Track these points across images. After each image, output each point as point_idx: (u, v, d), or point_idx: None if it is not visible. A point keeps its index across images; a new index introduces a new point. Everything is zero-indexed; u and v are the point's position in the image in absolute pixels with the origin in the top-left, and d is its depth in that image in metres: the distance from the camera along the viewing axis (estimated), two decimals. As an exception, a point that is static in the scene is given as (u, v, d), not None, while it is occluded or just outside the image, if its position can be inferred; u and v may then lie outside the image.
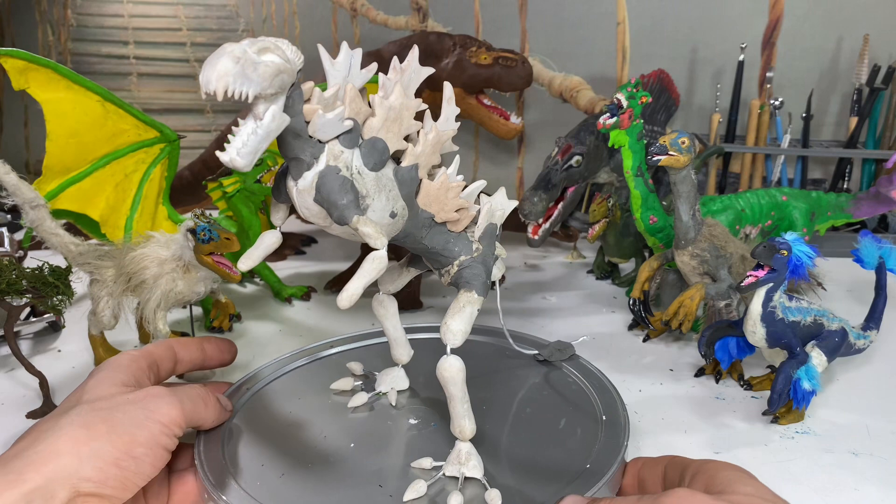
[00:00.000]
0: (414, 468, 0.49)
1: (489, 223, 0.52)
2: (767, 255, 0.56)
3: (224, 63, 0.37)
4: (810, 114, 1.08)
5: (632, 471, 0.48)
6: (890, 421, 0.60)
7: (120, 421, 0.43)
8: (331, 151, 0.44)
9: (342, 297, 0.43)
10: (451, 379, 0.47)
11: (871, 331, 0.66)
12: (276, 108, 0.40)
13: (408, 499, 0.46)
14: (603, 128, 0.73)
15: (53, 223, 0.63)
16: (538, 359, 0.64)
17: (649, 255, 0.88)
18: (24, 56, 0.69)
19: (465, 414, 0.49)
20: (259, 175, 0.78)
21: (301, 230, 1.14)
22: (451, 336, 0.48)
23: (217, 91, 0.37)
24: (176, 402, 0.46)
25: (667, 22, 1.12)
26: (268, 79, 0.38)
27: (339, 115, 0.43)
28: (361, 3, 1.19)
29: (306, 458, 0.51)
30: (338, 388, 0.60)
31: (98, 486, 0.40)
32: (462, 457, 0.48)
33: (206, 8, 1.23)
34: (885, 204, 0.83)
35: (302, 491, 0.47)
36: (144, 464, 0.43)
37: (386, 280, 0.57)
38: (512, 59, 0.95)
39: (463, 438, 0.49)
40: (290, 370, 0.63)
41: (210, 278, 0.65)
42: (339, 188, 0.43)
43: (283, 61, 0.39)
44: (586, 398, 0.58)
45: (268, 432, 0.54)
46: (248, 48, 0.38)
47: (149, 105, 1.27)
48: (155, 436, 0.44)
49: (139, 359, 0.51)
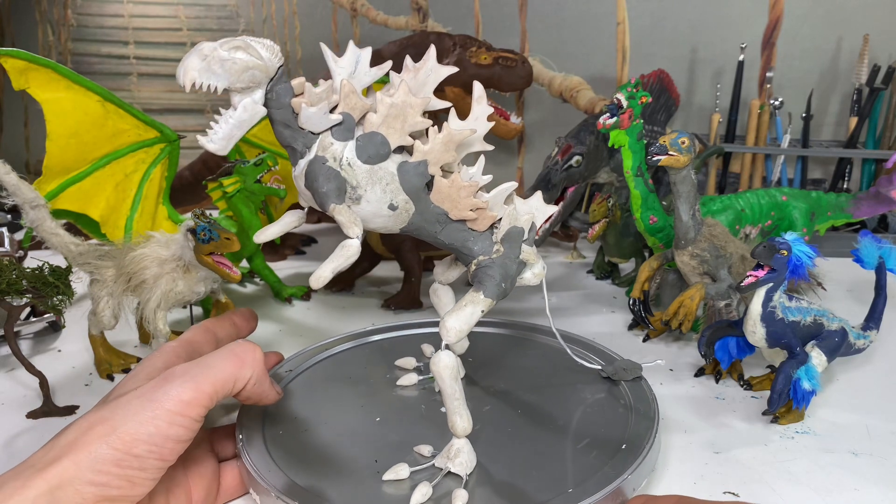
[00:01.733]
0: (415, 451, 0.52)
1: (513, 226, 0.52)
2: (767, 255, 0.56)
3: (192, 60, 0.42)
4: (810, 114, 1.08)
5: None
6: (890, 421, 0.60)
7: (121, 419, 0.41)
8: (321, 143, 0.47)
9: (313, 278, 0.46)
10: (439, 375, 0.48)
11: (871, 331, 0.66)
12: (248, 100, 0.45)
13: (386, 478, 0.48)
14: (603, 128, 0.73)
15: (53, 223, 0.63)
16: (602, 375, 0.62)
17: (649, 255, 0.88)
18: (25, 56, 0.69)
19: (457, 411, 0.49)
20: (259, 175, 0.78)
21: (301, 230, 1.14)
22: (444, 332, 0.48)
23: (185, 84, 0.42)
24: (188, 383, 0.43)
25: (667, 22, 1.12)
26: (235, 74, 0.43)
27: (323, 109, 0.46)
28: (361, 3, 1.19)
29: (330, 430, 0.54)
30: (400, 365, 0.64)
31: (101, 488, 0.39)
32: (452, 452, 0.49)
33: (206, 8, 1.23)
34: (885, 204, 0.82)
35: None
36: (150, 460, 0.41)
37: (439, 272, 0.59)
38: (512, 59, 0.95)
39: (456, 435, 0.49)
40: (323, 358, 0.66)
41: (210, 278, 0.65)
42: (322, 177, 0.46)
43: (254, 59, 0.43)
44: (622, 421, 0.55)
45: (308, 418, 0.56)
46: (219, 47, 0.42)
47: (149, 105, 1.27)
48: (161, 430, 0.42)
49: (176, 347, 0.51)
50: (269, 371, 0.60)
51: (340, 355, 0.67)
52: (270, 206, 0.89)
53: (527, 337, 0.70)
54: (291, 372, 0.63)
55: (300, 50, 1.22)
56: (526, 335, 0.71)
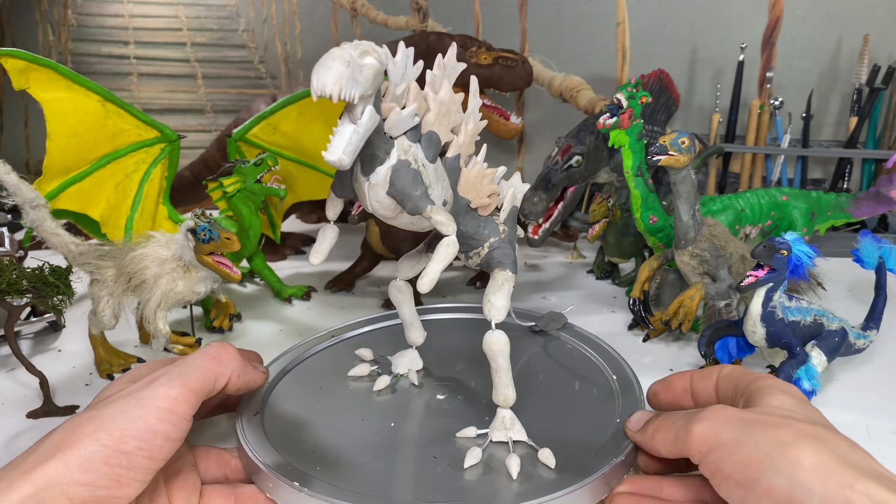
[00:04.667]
0: (459, 437, 0.52)
1: (512, 206, 0.56)
2: (767, 255, 0.56)
3: (338, 67, 0.39)
4: (810, 114, 1.08)
5: (681, 385, 0.51)
6: (890, 421, 0.60)
7: (109, 416, 0.41)
8: (400, 146, 0.46)
9: (423, 281, 0.46)
10: (499, 352, 0.51)
11: (870, 331, 0.66)
12: (371, 107, 0.42)
13: (469, 465, 0.49)
14: (603, 128, 0.73)
15: (54, 223, 0.63)
16: (534, 329, 0.69)
17: (649, 255, 0.88)
18: (25, 56, 0.69)
19: (510, 383, 0.52)
20: (259, 175, 0.78)
21: (301, 230, 1.14)
22: (495, 312, 0.51)
23: (333, 94, 0.39)
24: (174, 381, 0.44)
25: (667, 22, 1.12)
26: (370, 80, 0.41)
27: (412, 112, 0.46)
28: (361, 3, 1.19)
29: (353, 442, 0.53)
30: (356, 375, 0.63)
31: (89, 488, 0.39)
32: (507, 422, 0.52)
33: (206, 8, 1.23)
34: (885, 204, 0.83)
35: (363, 471, 0.49)
36: (139, 458, 0.41)
37: (405, 267, 0.59)
38: (512, 59, 0.95)
39: (506, 406, 0.52)
40: (302, 361, 0.66)
41: (210, 278, 0.65)
42: (412, 181, 0.46)
43: (380, 63, 0.42)
44: (589, 361, 0.63)
45: (305, 422, 0.56)
46: (353, 52, 0.40)
47: (149, 105, 1.27)
48: (150, 425, 0.42)
49: (163, 361, 0.50)
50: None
51: (324, 352, 0.67)
52: (270, 206, 0.89)
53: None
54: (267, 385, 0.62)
55: (300, 50, 1.22)
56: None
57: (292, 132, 0.86)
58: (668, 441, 0.44)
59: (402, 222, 0.50)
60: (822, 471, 0.36)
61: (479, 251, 0.55)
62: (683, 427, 0.43)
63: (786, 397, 0.43)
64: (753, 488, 0.38)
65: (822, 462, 0.37)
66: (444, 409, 0.57)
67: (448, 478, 0.48)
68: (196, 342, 0.65)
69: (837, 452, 0.38)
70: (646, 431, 0.47)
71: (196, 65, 1.25)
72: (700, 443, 0.41)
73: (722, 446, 0.40)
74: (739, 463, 0.39)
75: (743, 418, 0.41)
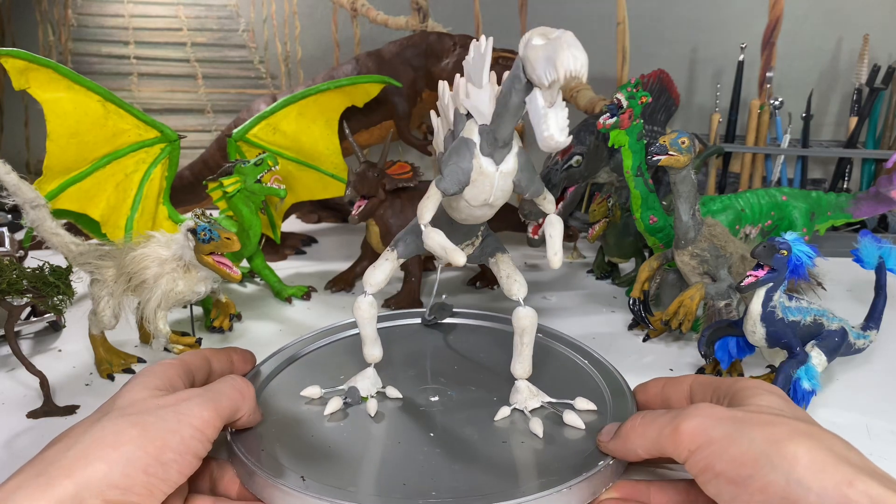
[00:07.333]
0: (498, 421, 0.54)
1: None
2: (767, 254, 0.56)
3: (583, 53, 0.41)
4: (810, 114, 1.08)
5: (654, 389, 0.53)
6: (890, 421, 0.60)
7: (152, 425, 0.42)
8: (516, 135, 0.49)
9: (556, 259, 0.52)
10: (533, 325, 0.55)
11: (870, 331, 0.66)
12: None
13: (499, 418, 0.54)
14: (603, 128, 0.73)
15: (54, 223, 0.63)
16: (426, 323, 0.72)
17: (649, 255, 0.88)
18: (25, 56, 0.69)
19: (531, 357, 0.56)
20: (259, 175, 0.78)
21: (301, 230, 1.14)
22: (523, 289, 0.56)
23: (583, 75, 0.41)
24: (209, 403, 0.45)
25: (667, 22, 1.12)
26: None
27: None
28: (362, 3, 1.19)
29: (347, 441, 0.53)
30: (308, 396, 0.58)
31: (124, 493, 0.39)
32: (533, 390, 0.56)
33: (206, 8, 1.23)
34: (885, 204, 0.82)
35: (356, 470, 0.49)
36: (172, 470, 0.41)
37: (378, 279, 0.57)
38: (512, 58, 0.95)
39: (524, 377, 0.56)
40: (294, 361, 0.65)
41: (210, 278, 0.65)
42: (532, 166, 0.50)
43: None
44: (579, 367, 0.64)
45: (297, 421, 0.55)
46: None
47: (149, 105, 1.27)
48: (186, 441, 0.42)
49: (174, 365, 0.51)
50: (248, 374, 0.61)
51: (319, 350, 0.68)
52: (270, 206, 0.89)
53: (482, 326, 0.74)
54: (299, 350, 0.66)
55: (300, 50, 1.22)
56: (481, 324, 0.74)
57: (292, 132, 0.86)
58: (649, 440, 0.44)
59: (487, 211, 0.52)
60: (820, 468, 0.36)
61: (474, 241, 0.59)
62: (668, 424, 0.42)
63: (773, 397, 0.43)
64: (746, 485, 0.38)
65: (819, 459, 0.37)
66: (450, 407, 0.57)
67: (442, 474, 0.48)
68: (196, 342, 0.65)
69: (834, 450, 0.37)
70: (619, 435, 0.47)
71: (196, 65, 1.25)
72: (689, 440, 0.41)
73: (713, 443, 0.40)
74: (732, 460, 0.39)
75: (734, 416, 0.41)
